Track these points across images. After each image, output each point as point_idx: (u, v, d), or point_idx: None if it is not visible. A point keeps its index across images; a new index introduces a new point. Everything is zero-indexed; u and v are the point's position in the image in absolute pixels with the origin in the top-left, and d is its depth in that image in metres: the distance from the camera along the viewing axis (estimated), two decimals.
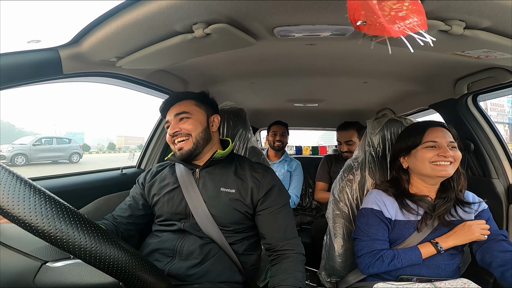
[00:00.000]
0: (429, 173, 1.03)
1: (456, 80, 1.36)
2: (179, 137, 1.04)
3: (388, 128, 1.25)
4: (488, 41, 0.79)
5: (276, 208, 1.03)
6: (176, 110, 1.07)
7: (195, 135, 1.04)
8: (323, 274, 1.29)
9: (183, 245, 1.00)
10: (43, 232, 0.43)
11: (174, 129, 1.04)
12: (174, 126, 1.05)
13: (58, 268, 0.60)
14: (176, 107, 1.08)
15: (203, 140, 1.06)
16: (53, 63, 0.90)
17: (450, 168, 1.01)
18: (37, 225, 0.42)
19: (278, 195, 1.05)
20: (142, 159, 1.71)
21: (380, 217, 1.07)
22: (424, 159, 1.03)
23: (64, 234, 0.44)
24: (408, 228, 1.05)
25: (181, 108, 1.07)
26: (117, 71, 1.15)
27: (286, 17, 0.82)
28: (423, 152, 1.04)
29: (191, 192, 1.03)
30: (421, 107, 1.89)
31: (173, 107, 1.09)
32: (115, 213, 1.10)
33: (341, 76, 1.54)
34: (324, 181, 2.24)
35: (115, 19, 0.78)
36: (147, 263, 0.52)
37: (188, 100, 1.10)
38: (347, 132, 2.16)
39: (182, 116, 1.06)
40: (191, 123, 1.05)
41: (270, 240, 1.02)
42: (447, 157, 1.00)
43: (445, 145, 1.01)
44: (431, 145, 1.03)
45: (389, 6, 0.48)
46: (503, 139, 1.36)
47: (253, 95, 2.08)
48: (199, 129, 1.06)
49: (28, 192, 0.44)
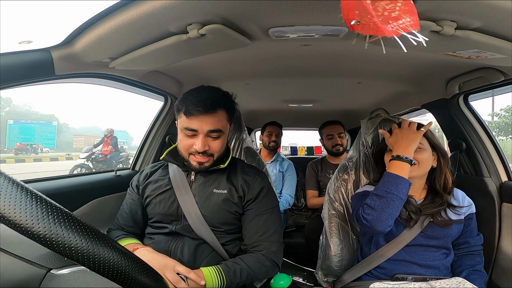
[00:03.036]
0: None
1: (448, 80, 1.38)
2: (203, 157, 0.98)
3: (382, 128, 1.27)
4: (478, 41, 0.81)
5: (262, 210, 1.03)
6: (210, 124, 0.95)
7: (218, 155, 1.01)
8: (320, 274, 1.30)
9: (177, 247, 0.99)
10: (32, 233, 0.42)
11: (205, 147, 0.95)
12: (204, 143, 0.95)
13: (63, 275, 0.59)
14: (211, 119, 0.95)
15: (221, 156, 1.03)
16: (45, 64, 0.88)
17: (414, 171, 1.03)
18: (28, 226, 0.42)
19: (265, 198, 1.04)
20: (136, 161, 1.69)
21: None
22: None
23: (55, 236, 0.43)
24: (398, 224, 1.05)
25: (216, 123, 0.96)
26: (110, 72, 1.14)
27: (280, 18, 0.82)
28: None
29: (184, 194, 1.03)
30: (414, 107, 1.92)
31: (206, 116, 0.94)
32: (121, 223, 1.09)
33: (335, 76, 1.55)
34: (314, 189, 2.28)
35: (109, 19, 0.77)
36: (145, 266, 0.51)
37: (222, 110, 0.98)
38: (336, 126, 2.32)
39: (215, 135, 0.97)
40: (220, 143, 0.98)
41: (246, 240, 1.01)
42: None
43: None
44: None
45: (382, 7, 0.49)
46: (494, 137, 1.38)
47: (248, 96, 2.08)
48: (223, 148, 1.02)
49: (20, 193, 0.43)
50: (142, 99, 4.48)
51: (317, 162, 2.38)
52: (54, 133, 18.41)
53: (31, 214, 0.42)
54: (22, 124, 17.62)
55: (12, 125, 17.09)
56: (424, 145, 1.06)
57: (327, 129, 2.34)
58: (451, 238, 1.07)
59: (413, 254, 1.05)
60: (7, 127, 16.72)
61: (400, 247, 1.05)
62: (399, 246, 1.05)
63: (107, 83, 1.24)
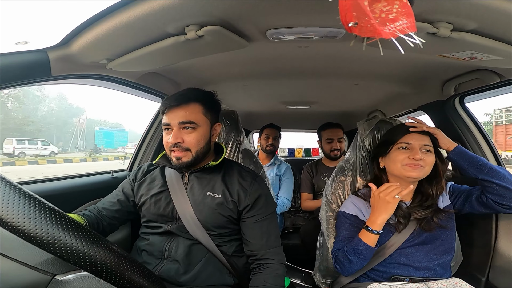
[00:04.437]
0: (399, 174, 1.05)
1: (443, 82, 1.39)
2: (179, 150, 0.97)
3: (379, 130, 1.27)
4: (474, 43, 0.81)
5: (262, 217, 1.03)
6: (181, 116, 0.96)
7: (196, 150, 0.99)
8: (318, 275, 1.30)
9: (172, 247, 0.99)
10: (29, 235, 0.42)
11: (176, 139, 0.96)
12: (176, 135, 0.96)
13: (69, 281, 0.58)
14: (182, 112, 0.97)
15: (202, 154, 1.01)
16: (42, 65, 0.88)
17: (419, 171, 1.02)
18: (25, 228, 0.41)
19: (265, 205, 1.04)
20: (133, 162, 1.69)
21: (354, 221, 1.11)
22: (396, 160, 1.05)
23: (51, 237, 0.43)
24: (386, 230, 1.05)
25: (187, 115, 0.97)
26: (107, 73, 1.14)
27: (278, 20, 0.83)
28: (396, 153, 1.06)
29: (179, 196, 1.02)
30: (410, 109, 1.93)
31: (178, 108, 0.97)
32: (100, 206, 1.07)
33: (332, 78, 1.56)
34: (308, 192, 2.26)
35: (106, 20, 0.77)
36: (141, 267, 0.51)
37: (196, 103, 0.99)
38: (337, 130, 2.25)
39: (187, 126, 0.97)
40: (195, 137, 0.98)
41: (252, 247, 1.01)
42: (416, 160, 1.01)
43: (417, 148, 1.03)
44: (404, 147, 1.06)
45: (380, 9, 0.49)
46: (489, 139, 1.39)
47: (246, 97, 2.09)
48: (202, 144, 1.00)
49: (14, 195, 0.43)
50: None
51: (312, 165, 2.34)
52: (127, 137, 24.63)
53: (23, 214, 0.42)
54: (105, 130, 24.61)
55: (98, 131, 23.82)
56: (431, 148, 1.06)
57: (327, 132, 2.27)
58: (444, 237, 1.07)
59: (407, 255, 1.05)
60: (95, 133, 23.80)
61: (391, 250, 1.06)
62: (390, 250, 1.06)
63: (104, 84, 1.24)
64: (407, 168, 1.02)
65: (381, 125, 1.27)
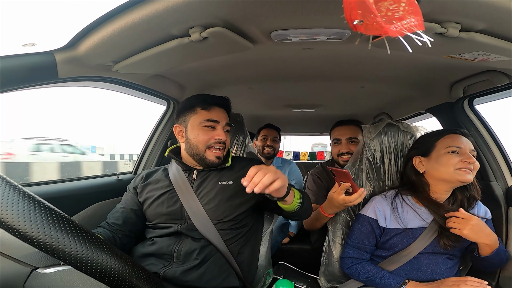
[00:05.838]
0: (450, 178, 1.00)
1: (452, 84, 1.37)
2: (221, 150, 1.06)
3: (385, 133, 1.25)
4: (483, 43, 0.80)
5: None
6: (225, 117, 1.09)
7: (226, 151, 1.10)
8: (323, 280, 1.27)
9: (180, 248, 0.98)
10: (31, 238, 0.41)
11: (225, 137, 1.07)
12: (224, 133, 1.06)
13: (48, 274, 0.58)
14: (225, 114, 1.10)
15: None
16: (49, 67, 0.89)
17: (471, 175, 0.99)
18: (26, 231, 0.41)
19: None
20: (138, 165, 1.69)
21: (373, 225, 1.08)
22: (448, 164, 1.00)
23: (54, 240, 0.42)
24: (407, 236, 1.04)
25: (228, 118, 1.11)
26: (113, 76, 1.15)
27: (283, 21, 0.82)
28: (448, 156, 1.01)
29: (186, 193, 1.04)
30: (418, 111, 1.90)
31: (221, 110, 1.09)
32: (109, 221, 1.08)
33: (338, 80, 1.54)
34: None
35: (112, 22, 0.78)
36: (140, 269, 0.50)
37: (227, 112, 1.12)
38: (350, 128, 1.68)
39: (227, 129, 1.10)
40: (229, 137, 1.11)
41: None
42: (470, 164, 0.98)
43: (467, 151, 1.00)
44: (455, 150, 1.01)
45: (386, 7, 0.48)
46: (500, 142, 1.36)
47: (251, 100, 2.08)
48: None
49: (17, 197, 0.43)
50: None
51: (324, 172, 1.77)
52: None
53: (29, 218, 0.42)
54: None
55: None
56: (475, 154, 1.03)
57: (337, 130, 1.72)
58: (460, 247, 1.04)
59: (418, 263, 1.04)
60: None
61: (408, 258, 1.04)
62: (406, 258, 1.04)
63: (110, 87, 1.25)
64: (460, 173, 0.98)
65: (387, 128, 1.25)
